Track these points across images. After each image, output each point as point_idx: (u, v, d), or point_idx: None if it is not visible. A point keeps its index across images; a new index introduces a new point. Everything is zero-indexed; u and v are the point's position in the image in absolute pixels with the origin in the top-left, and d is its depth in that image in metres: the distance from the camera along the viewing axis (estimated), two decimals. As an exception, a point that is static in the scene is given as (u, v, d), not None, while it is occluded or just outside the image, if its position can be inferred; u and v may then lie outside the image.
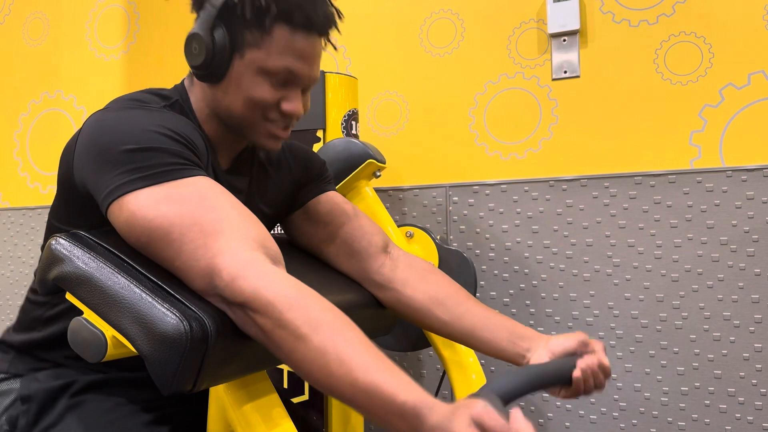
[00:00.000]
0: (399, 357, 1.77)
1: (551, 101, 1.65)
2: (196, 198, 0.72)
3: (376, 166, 1.26)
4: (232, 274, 0.67)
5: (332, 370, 0.63)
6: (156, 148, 0.74)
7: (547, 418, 1.61)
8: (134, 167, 0.72)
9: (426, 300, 0.95)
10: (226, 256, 0.68)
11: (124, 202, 0.72)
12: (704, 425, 1.47)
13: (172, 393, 0.65)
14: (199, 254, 0.69)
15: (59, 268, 0.71)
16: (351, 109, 1.48)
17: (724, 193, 1.47)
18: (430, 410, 0.60)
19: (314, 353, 0.64)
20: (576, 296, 1.59)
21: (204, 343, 0.66)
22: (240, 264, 0.68)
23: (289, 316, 0.65)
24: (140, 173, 0.72)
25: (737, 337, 1.45)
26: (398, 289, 0.97)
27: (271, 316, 0.65)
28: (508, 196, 1.67)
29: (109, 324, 0.68)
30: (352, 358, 0.63)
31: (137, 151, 0.73)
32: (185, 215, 0.71)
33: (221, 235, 0.70)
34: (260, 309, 0.66)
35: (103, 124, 0.77)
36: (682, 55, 1.53)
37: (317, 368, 0.64)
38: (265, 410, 0.77)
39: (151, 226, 0.70)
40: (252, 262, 0.68)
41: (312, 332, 0.64)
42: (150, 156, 0.73)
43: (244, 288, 0.66)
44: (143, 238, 0.71)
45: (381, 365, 0.63)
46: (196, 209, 0.71)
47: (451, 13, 1.76)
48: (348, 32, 1.87)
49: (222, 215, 0.72)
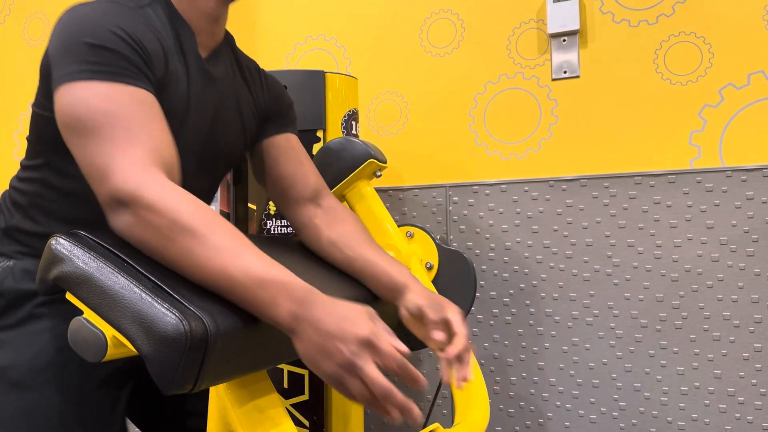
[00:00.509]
0: (399, 357, 1.78)
1: (551, 101, 1.65)
2: (129, 105, 0.78)
3: (377, 166, 1.26)
4: (136, 179, 0.73)
5: (228, 264, 0.70)
6: (111, 49, 0.79)
7: (547, 418, 1.62)
8: (88, 60, 0.78)
9: (326, 242, 1.05)
10: (137, 164, 0.74)
11: (68, 87, 0.78)
12: (704, 425, 1.47)
13: (172, 393, 0.66)
14: (110, 153, 0.74)
15: (59, 267, 0.71)
16: (351, 109, 1.48)
17: (724, 193, 1.47)
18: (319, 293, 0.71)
19: (212, 251, 0.70)
20: (576, 296, 1.59)
21: (204, 343, 0.66)
22: (146, 172, 0.74)
23: (186, 217, 0.71)
24: (91, 66, 0.78)
25: (737, 337, 1.45)
26: (310, 232, 1.07)
27: (167, 216, 0.71)
28: (508, 196, 1.67)
29: (110, 324, 0.68)
30: (245, 251, 0.71)
31: (95, 47, 0.79)
32: (113, 116, 0.76)
33: (139, 146, 0.75)
34: (157, 209, 0.71)
35: (77, 13, 0.82)
36: (682, 55, 1.54)
37: (213, 264, 0.70)
38: (265, 410, 0.77)
39: (79, 113, 0.76)
40: (155, 174, 0.74)
41: (209, 232, 0.71)
42: (105, 54, 0.79)
43: (144, 190, 0.72)
44: (70, 124, 0.77)
45: (268, 258, 0.72)
46: (125, 114, 0.77)
47: (451, 13, 1.77)
48: (348, 32, 1.87)
49: (146, 129, 0.77)
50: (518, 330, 1.65)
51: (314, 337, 0.67)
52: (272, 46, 1.97)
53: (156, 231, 0.71)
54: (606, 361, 1.56)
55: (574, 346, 1.59)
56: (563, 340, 1.60)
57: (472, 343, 1.70)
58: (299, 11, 1.94)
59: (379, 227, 1.25)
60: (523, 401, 1.64)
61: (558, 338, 1.60)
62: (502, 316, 1.67)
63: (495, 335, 1.67)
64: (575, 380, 1.59)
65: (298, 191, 1.08)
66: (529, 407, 1.64)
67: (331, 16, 1.90)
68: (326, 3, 1.91)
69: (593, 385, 1.57)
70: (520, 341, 1.64)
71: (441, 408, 1.73)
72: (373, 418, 1.81)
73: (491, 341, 1.68)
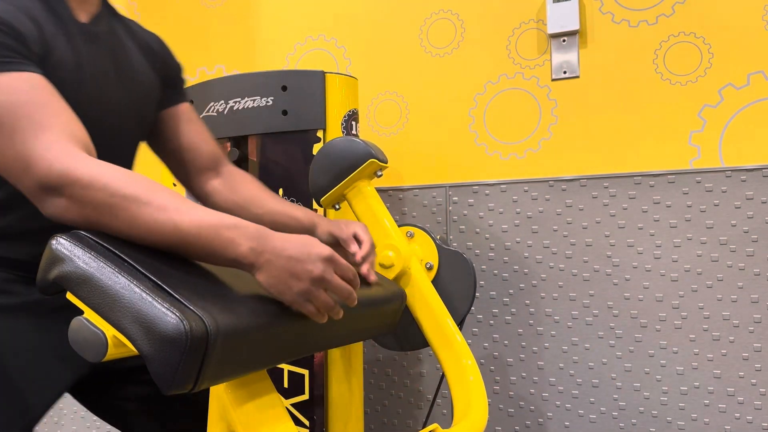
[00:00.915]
0: (399, 357, 1.78)
1: (551, 101, 1.65)
2: (24, 92, 0.78)
3: (378, 166, 1.26)
4: (63, 162, 0.74)
5: (177, 220, 0.73)
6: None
7: (547, 417, 1.62)
8: None
9: (233, 206, 1.11)
10: (56, 147, 0.75)
11: None
12: (703, 425, 1.48)
13: (172, 393, 0.66)
14: (23, 144, 0.75)
15: (60, 267, 0.71)
16: (351, 109, 1.48)
17: (724, 193, 1.47)
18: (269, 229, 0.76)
19: (159, 212, 0.73)
20: (575, 296, 1.59)
21: (204, 343, 0.66)
22: (69, 153, 0.75)
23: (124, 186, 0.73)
24: None
25: (736, 336, 1.46)
26: (216, 198, 1.13)
27: (106, 189, 0.73)
28: (508, 196, 1.67)
29: (110, 323, 0.68)
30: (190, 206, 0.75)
31: None
32: (11, 106, 0.76)
33: (50, 130, 0.76)
34: (93, 185, 0.73)
35: None
36: (682, 55, 1.54)
37: (162, 224, 0.73)
38: (266, 409, 0.77)
39: None
40: (79, 154, 0.76)
41: (151, 196, 0.74)
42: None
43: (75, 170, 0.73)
44: None
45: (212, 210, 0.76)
46: (23, 102, 0.77)
47: (451, 13, 1.77)
48: (348, 32, 1.87)
49: (48, 111, 0.78)
50: (518, 330, 1.65)
51: (280, 264, 0.74)
52: (272, 46, 1.97)
53: (96, 207, 0.73)
54: (606, 360, 1.56)
55: (573, 345, 1.59)
56: (563, 340, 1.60)
57: (471, 344, 1.70)
58: (299, 11, 1.94)
59: (380, 227, 1.25)
60: (523, 401, 1.64)
61: (558, 338, 1.60)
62: (501, 315, 1.67)
63: (495, 335, 1.67)
64: (575, 380, 1.59)
65: (200, 161, 1.13)
66: (529, 407, 1.64)
67: (331, 17, 1.90)
68: (326, 3, 1.91)
69: (593, 384, 1.58)
70: (520, 341, 1.64)
71: (441, 408, 1.73)
72: (373, 418, 1.81)
73: (491, 341, 1.68)
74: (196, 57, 2.08)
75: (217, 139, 1.51)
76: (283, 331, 0.78)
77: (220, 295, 0.74)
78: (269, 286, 0.76)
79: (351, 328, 0.96)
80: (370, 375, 1.82)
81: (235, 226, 0.74)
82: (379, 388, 1.81)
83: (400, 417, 1.78)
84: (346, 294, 0.81)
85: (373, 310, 1.00)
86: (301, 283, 0.76)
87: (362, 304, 0.97)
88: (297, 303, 0.77)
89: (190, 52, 2.09)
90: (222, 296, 0.74)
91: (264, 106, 1.46)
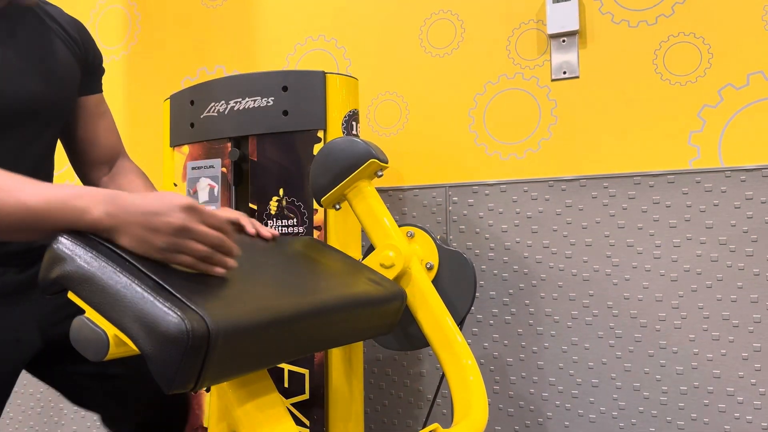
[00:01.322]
0: (399, 357, 1.78)
1: (550, 102, 1.65)
2: None
3: (379, 166, 1.26)
4: None
5: (21, 198, 0.73)
6: None
7: (547, 417, 1.62)
8: None
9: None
10: None
11: None
12: (703, 425, 1.48)
13: (173, 392, 0.66)
14: None
15: (61, 267, 0.71)
16: (351, 109, 1.48)
17: (723, 193, 1.48)
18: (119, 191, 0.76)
19: (3, 194, 0.73)
20: (575, 296, 1.60)
21: (205, 342, 0.66)
22: None
23: None
24: None
25: (736, 336, 1.46)
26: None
27: None
28: (508, 196, 1.67)
29: (111, 323, 0.68)
30: (30, 183, 0.75)
31: None
32: None
33: None
34: None
35: None
36: (681, 55, 1.54)
37: (7, 205, 0.73)
38: (266, 409, 0.77)
39: None
40: None
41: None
42: None
43: None
44: None
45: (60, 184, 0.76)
46: None
47: (451, 13, 1.77)
48: (348, 33, 1.88)
49: None
50: (518, 330, 1.65)
51: (138, 221, 0.73)
52: (272, 46, 1.97)
53: None
54: (605, 360, 1.57)
55: (573, 345, 1.59)
56: (563, 340, 1.60)
57: (471, 344, 1.70)
58: (299, 11, 1.95)
59: (380, 227, 1.25)
60: (523, 401, 1.64)
61: (557, 338, 1.60)
62: (501, 315, 1.67)
63: (495, 335, 1.68)
64: (575, 380, 1.59)
65: (97, 154, 1.12)
66: (529, 407, 1.64)
67: (332, 17, 1.90)
68: (326, 3, 1.91)
69: (593, 384, 1.58)
70: (520, 341, 1.65)
71: (441, 408, 1.73)
72: (373, 418, 1.81)
73: (491, 341, 1.68)
74: (196, 57, 2.08)
75: (217, 139, 1.51)
76: (283, 330, 0.78)
77: (221, 294, 0.74)
78: (134, 248, 0.74)
79: (351, 328, 0.96)
80: (370, 375, 1.82)
81: (84, 195, 0.74)
82: (379, 388, 1.81)
83: (400, 417, 1.78)
84: (217, 241, 0.77)
85: (373, 310, 1.00)
86: (163, 237, 0.74)
87: (362, 303, 0.97)
88: (167, 258, 0.75)
89: (190, 52, 2.09)
90: (223, 296, 0.74)
91: (264, 106, 1.47)
